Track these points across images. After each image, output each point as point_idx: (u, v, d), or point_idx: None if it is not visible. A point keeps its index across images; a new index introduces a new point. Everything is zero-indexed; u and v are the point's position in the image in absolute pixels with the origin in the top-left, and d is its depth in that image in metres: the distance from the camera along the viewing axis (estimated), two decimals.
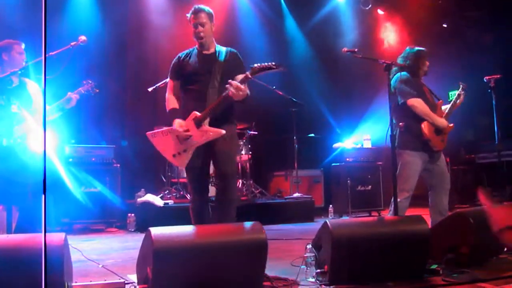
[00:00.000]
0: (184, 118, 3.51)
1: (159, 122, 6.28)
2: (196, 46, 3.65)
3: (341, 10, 9.25)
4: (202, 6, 3.58)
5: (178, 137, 3.50)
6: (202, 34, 3.54)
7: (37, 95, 3.91)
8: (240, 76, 3.40)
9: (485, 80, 5.14)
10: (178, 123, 3.49)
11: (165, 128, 3.60)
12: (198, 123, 3.43)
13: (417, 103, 4.03)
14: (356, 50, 3.83)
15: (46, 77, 1.78)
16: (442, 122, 4.11)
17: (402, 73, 4.13)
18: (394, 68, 4.12)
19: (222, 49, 3.64)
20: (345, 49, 3.82)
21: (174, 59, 3.67)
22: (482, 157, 7.84)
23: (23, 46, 3.90)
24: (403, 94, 4.06)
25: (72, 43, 3.60)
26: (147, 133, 3.67)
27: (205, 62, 3.57)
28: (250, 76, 3.36)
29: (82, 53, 3.92)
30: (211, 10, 3.62)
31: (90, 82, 4.04)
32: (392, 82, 4.11)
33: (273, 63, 3.34)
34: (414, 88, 4.09)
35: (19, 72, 3.78)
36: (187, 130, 3.45)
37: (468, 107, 4.65)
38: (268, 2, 8.83)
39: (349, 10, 9.29)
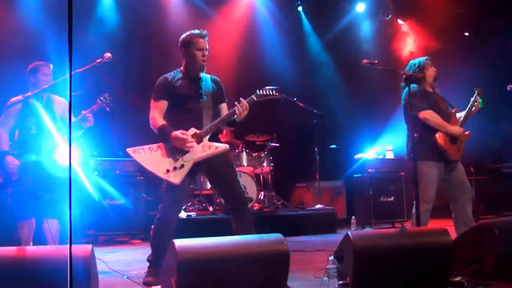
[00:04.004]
0: None
1: None
2: (181, 69, 3.69)
3: (361, 21, 9.25)
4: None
5: (174, 152, 3.43)
6: (205, 58, 3.62)
7: (64, 112, 4.06)
8: (248, 99, 3.54)
9: (508, 89, 5.07)
10: (180, 132, 3.42)
11: (154, 144, 3.47)
12: (199, 139, 3.48)
13: (429, 115, 4.03)
14: (376, 61, 3.85)
15: (72, 93, 1.86)
16: (456, 129, 4.08)
17: (412, 85, 4.11)
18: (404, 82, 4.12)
19: (206, 76, 3.73)
20: (365, 60, 3.84)
21: (161, 80, 3.64)
22: (508, 167, 7.69)
23: (51, 67, 4.02)
24: (413, 107, 4.04)
25: (98, 60, 3.69)
26: (128, 149, 3.46)
27: (195, 85, 3.62)
28: (255, 99, 3.55)
29: (107, 67, 3.97)
30: None
31: (104, 98, 4.01)
32: (402, 95, 4.13)
33: (276, 92, 3.60)
34: (425, 99, 4.07)
35: (46, 90, 3.92)
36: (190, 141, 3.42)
37: (493, 116, 4.60)
38: (288, 14, 8.90)
39: (369, 20, 9.28)
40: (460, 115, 4.24)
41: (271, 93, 3.61)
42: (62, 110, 4.07)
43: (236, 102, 3.52)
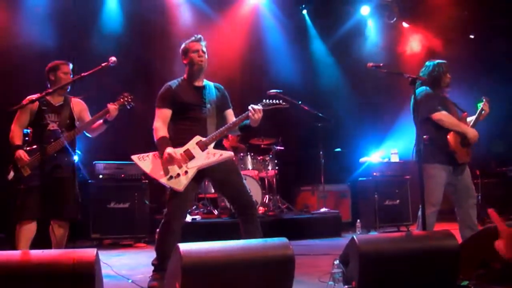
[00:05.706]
0: (183, 142, 3.50)
1: None
2: (184, 77, 3.73)
3: (366, 24, 9.25)
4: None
5: (178, 159, 3.43)
6: (203, 59, 3.65)
7: (82, 112, 4.17)
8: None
9: None
10: (172, 150, 3.41)
11: (157, 152, 3.48)
12: (203, 146, 3.49)
13: (443, 117, 4.00)
14: (381, 64, 3.83)
15: (76, 97, 1.88)
16: (472, 131, 4.05)
17: (424, 87, 4.11)
18: (417, 83, 4.11)
19: (210, 84, 3.76)
20: (370, 64, 3.82)
21: (164, 88, 3.68)
22: None
23: (70, 66, 4.11)
24: (427, 109, 4.03)
25: (103, 64, 3.69)
26: (132, 156, 3.50)
27: (198, 93, 3.66)
28: (262, 109, 3.55)
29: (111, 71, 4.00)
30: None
31: (125, 96, 4.08)
32: (413, 96, 4.11)
33: (283, 103, 3.65)
34: (437, 102, 4.06)
35: (63, 88, 3.98)
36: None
37: (498, 119, 4.59)
38: (292, 17, 8.90)
39: (373, 23, 9.28)
40: (470, 119, 4.23)
41: (277, 102, 3.66)
42: (80, 110, 4.17)
43: (249, 107, 3.52)
